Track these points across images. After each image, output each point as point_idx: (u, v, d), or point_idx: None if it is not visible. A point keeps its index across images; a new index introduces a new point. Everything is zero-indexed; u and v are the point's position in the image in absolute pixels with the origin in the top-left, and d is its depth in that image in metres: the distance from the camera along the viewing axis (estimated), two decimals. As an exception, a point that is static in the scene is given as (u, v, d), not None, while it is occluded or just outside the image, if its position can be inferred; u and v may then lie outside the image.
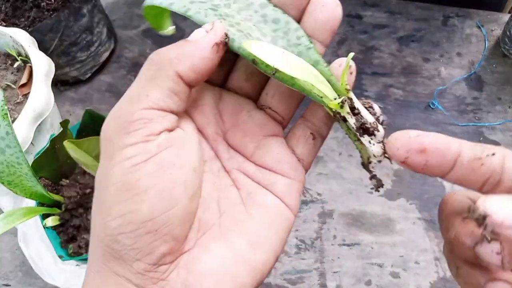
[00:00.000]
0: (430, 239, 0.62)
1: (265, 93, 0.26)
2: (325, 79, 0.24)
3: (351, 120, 0.24)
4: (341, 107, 0.23)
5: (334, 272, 0.60)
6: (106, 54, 0.81)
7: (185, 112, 0.24)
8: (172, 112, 0.22)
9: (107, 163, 0.21)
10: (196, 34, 0.22)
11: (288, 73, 0.22)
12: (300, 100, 0.27)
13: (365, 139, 0.24)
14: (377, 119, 0.24)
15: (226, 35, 0.22)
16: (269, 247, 0.24)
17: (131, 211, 0.21)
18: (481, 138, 0.70)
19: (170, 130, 0.22)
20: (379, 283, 0.59)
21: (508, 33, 0.75)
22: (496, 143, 0.70)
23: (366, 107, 0.24)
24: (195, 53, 0.22)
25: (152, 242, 0.21)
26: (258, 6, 0.25)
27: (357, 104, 0.24)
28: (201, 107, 0.25)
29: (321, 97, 0.24)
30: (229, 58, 0.25)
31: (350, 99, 0.24)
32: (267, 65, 0.22)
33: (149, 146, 0.21)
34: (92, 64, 0.78)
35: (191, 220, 0.23)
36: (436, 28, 0.81)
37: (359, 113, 0.24)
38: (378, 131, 0.24)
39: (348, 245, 0.62)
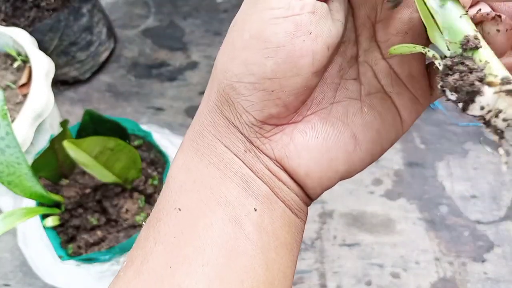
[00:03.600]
0: (430, 239, 0.62)
1: None
2: None
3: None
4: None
5: (334, 272, 0.60)
6: (106, 54, 0.80)
7: None
8: None
9: (250, 7, 0.22)
10: None
11: None
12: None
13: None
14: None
15: None
16: (370, 148, 0.24)
17: (257, 63, 0.21)
18: (481, 138, 0.70)
19: None
20: (379, 283, 0.59)
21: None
22: (496, 143, 0.70)
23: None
24: None
25: (265, 100, 0.22)
26: None
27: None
28: None
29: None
30: None
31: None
32: None
33: (293, 3, 0.21)
34: (91, 64, 0.78)
35: (306, 95, 0.23)
36: (436, 28, 0.81)
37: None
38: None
39: (348, 245, 0.62)
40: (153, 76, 0.80)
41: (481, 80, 0.18)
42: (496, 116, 0.18)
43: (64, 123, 0.46)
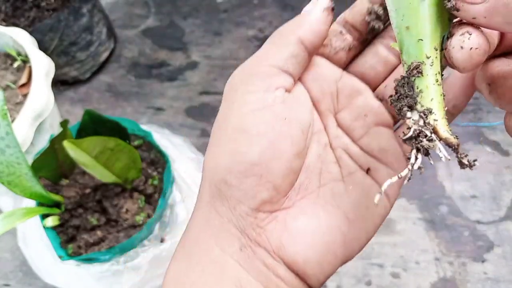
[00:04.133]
0: (430, 239, 0.62)
1: (384, 85, 0.27)
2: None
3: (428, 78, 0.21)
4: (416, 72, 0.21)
5: (335, 272, 0.60)
6: (106, 54, 0.80)
7: (304, 84, 0.26)
8: (289, 73, 0.24)
9: (228, 107, 0.24)
10: (306, 7, 0.25)
11: None
12: None
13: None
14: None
15: (330, 3, 0.25)
16: (363, 226, 0.25)
17: (242, 152, 0.23)
18: (481, 138, 0.70)
19: (286, 90, 0.24)
20: (379, 283, 0.59)
21: (508, 33, 0.75)
22: (496, 143, 0.70)
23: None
24: (311, 17, 0.24)
25: (256, 186, 0.23)
26: None
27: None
28: (320, 81, 0.26)
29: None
30: (354, 45, 0.26)
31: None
32: None
33: (266, 96, 0.23)
34: (91, 64, 0.78)
35: (292, 178, 0.24)
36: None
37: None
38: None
39: (348, 245, 0.62)
40: (153, 76, 0.80)
41: (410, 107, 0.21)
42: (417, 140, 0.20)
43: (64, 123, 0.46)
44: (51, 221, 0.50)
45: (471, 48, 0.20)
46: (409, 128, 0.20)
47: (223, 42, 0.84)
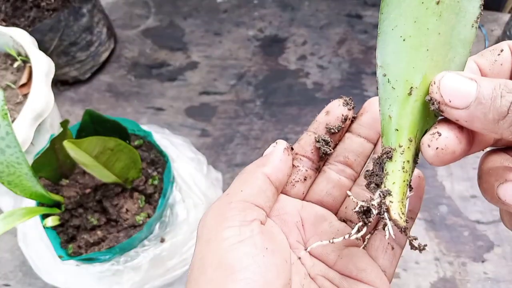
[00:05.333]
0: (430, 239, 0.62)
1: (345, 206, 0.29)
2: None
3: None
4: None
5: (334, 272, 0.60)
6: (106, 54, 0.81)
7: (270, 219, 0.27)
8: (261, 207, 0.25)
9: (204, 246, 0.23)
10: (267, 150, 0.28)
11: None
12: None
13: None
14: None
15: (288, 144, 0.28)
16: None
17: None
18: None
19: (261, 222, 0.25)
20: (379, 283, 0.59)
21: (508, 33, 0.75)
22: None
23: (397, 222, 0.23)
24: (274, 157, 0.27)
25: None
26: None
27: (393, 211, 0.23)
28: (283, 216, 0.27)
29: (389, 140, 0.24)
30: (309, 174, 0.28)
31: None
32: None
33: (244, 229, 0.23)
34: (92, 64, 0.78)
35: None
36: (436, 28, 0.81)
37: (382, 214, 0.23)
38: (366, 224, 0.23)
39: (348, 245, 0.62)
40: (153, 76, 0.80)
41: (377, 185, 0.24)
42: (368, 211, 0.23)
43: (64, 123, 0.46)
44: (51, 221, 0.50)
45: (437, 148, 0.21)
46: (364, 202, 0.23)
47: (223, 42, 0.85)
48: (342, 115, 0.28)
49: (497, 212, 0.64)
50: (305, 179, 0.28)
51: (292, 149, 0.28)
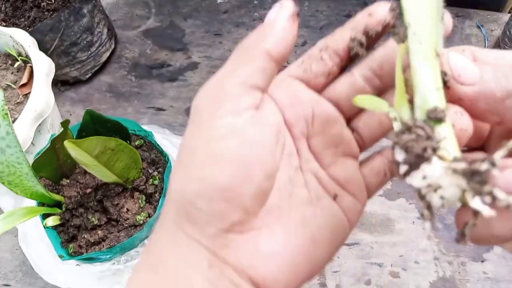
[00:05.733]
0: (430, 239, 0.62)
1: (359, 118, 0.28)
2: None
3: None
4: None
5: (334, 272, 0.60)
6: (107, 54, 0.81)
7: (279, 106, 0.26)
8: (257, 88, 0.24)
9: (196, 130, 0.24)
10: (270, 15, 0.24)
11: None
12: (385, 134, 0.28)
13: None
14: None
15: (295, 9, 0.24)
16: (327, 248, 0.26)
17: (212, 177, 0.22)
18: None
19: (256, 107, 0.24)
20: (378, 283, 0.59)
21: (508, 33, 0.75)
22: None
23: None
24: (277, 27, 0.23)
25: (226, 210, 0.23)
26: None
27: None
28: (296, 106, 0.26)
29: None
30: (333, 71, 0.27)
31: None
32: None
33: (235, 121, 0.23)
34: (92, 64, 0.79)
35: (263, 199, 0.24)
36: (436, 28, 0.81)
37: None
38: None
39: (348, 245, 0.62)
40: (153, 76, 0.81)
41: (434, 150, 0.18)
42: (435, 191, 0.18)
43: (65, 123, 0.46)
44: (52, 221, 0.50)
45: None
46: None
47: (224, 43, 0.85)
48: (385, 21, 0.25)
49: (497, 212, 0.64)
50: (328, 75, 0.26)
51: (298, 14, 0.24)
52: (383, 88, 0.26)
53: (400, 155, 0.19)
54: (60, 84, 0.79)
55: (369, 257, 0.61)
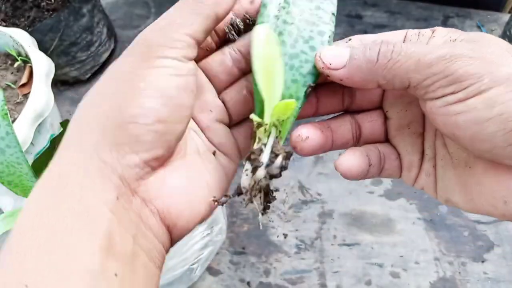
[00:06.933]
0: (430, 239, 0.62)
1: (226, 91, 0.31)
2: (279, 96, 0.26)
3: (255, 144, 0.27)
4: (257, 128, 0.27)
5: (334, 272, 0.60)
6: (106, 54, 0.81)
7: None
8: (199, 44, 0.27)
9: (141, 63, 0.25)
10: None
11: (255, 66, 0.25)
12: (250, 110, 0.31)
13: (246, 166, 0.26)
14: (269, 165, 0.26)
15: None
16: (216, 193, 0.28)
17: (153, 108, 0.24)
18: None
19: (195, 62, 0.27)
20: (379, 283, 0.59)
21: (508, 33, 0.75)
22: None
23: (274, 152, 0.26)
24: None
25: (154, 141, 0.24)
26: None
27: (269, 144, 0.26)
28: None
29: (259, 103, 0.27)
30: (211, 46, 0.30)
31: (269, 134, 0.27)
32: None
33: (182, 66, 0.25)
34: (92, 64, 0.78)
35: (180, 141, 0.27)
36: (436, 28, 0.81)
37: (261, 150, 0.26)
38: (255, 170, 0.26)
39: (348, 245, 0.62)
40: (153, 76, 0.80)
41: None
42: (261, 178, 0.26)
43: (64, 123, 0.46)
44: (52, 221, 0.50)
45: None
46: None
47: (223, 42, 0.85)
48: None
49: (497, 212, 0.64)
50: (207, 50, 0.30)
51: None
52: (246, 68, 0.30)
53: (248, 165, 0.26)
54: (60, 84, 0.79)
55: (369, 257, 0.61)
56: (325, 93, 0.30)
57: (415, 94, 0.25)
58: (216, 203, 0.27)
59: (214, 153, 0.30)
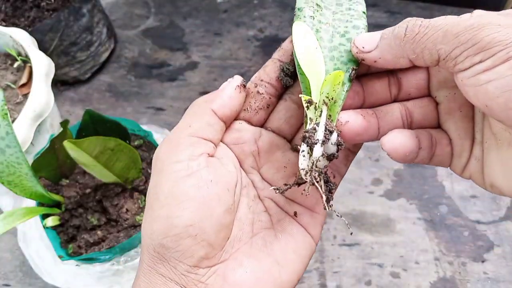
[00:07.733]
0: (430, 239, 0.62)
1: (298, 136, 0.31)
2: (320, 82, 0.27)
3: (308, 123, 0.27)
4: (307, 108, 0.27)
5: (334, 272, 0.60)
6: (106, 54, 0.81)
7: (228, 146, 0.30)
8: (208, 140, 0.28)
9: (158, 176, 0.27)
10: (223, 85, 0.29)
11: (298, 54, 0.27)
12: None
13: (303, 147, 0.26)
14: (324, 142, 0.26)
15: (243, 80, 0.29)
16: (293, 268, 0.28)
17: (175, 216, 0.25)
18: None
19: (209, 155, 0.28)
20: (379, 283, 0.59)
21: (508, 33, 0.75)
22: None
23: (327, 129, 0.26)
24: (224, 94, 0.29)
25: (192, 246, 0.25)
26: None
27: (322, 121, 0.27)
28: (241, 144, 0.30)
29: (306, 90, 0.27)
30: (272, 102, 0.30)
31: (320, 112, 0.27)
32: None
33: (191, 164, 0.26)
34: (92, 64, 0.78)
35: (226, 232, 0.27)
36: (436, 28, 0.81)
37: (315, 128, 0.26)
38: (312, 149, 0.26)
39: (348, 245, 0.62)
40: (153, 76, 0.80)
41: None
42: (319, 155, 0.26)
43: (64, 123, 0.46)
44: (51, 221, 0.50)
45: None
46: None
47: (223, 42, 0.85)
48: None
49: (497, 212, 0.64)
50: (267, 107, 0.30)
51: (244, 86, 0.29)
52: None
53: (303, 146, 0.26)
54: (59, 84, 0.79)
55: (369, 257, 0.61)
56: (370, 82, 0.30)
57: (446, 69, 0.25)
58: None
59: (295, 215, 0.30)
